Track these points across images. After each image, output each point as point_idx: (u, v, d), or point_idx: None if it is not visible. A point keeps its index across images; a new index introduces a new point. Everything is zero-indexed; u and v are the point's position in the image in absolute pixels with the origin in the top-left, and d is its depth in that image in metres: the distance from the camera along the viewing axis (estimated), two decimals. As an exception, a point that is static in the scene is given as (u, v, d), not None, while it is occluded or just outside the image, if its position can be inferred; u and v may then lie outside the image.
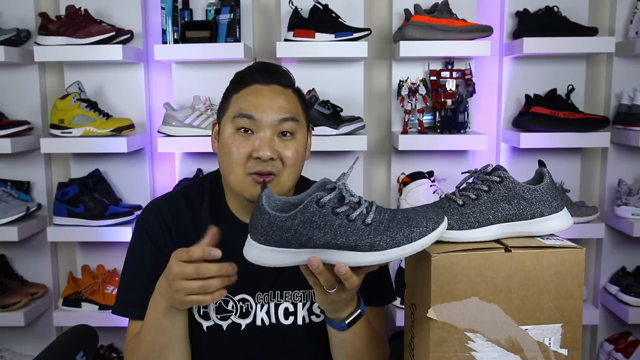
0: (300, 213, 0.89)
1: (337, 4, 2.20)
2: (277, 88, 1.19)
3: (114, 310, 1.24)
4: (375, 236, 0.89)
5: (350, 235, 0.89)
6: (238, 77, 1.23)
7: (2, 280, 2.28)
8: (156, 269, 1.16)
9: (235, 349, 1.22)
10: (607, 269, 2.40)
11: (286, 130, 1.16)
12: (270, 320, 1.22)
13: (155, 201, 1.28)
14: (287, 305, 1.23)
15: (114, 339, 2.40)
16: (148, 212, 1.26)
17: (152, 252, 1.21)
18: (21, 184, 2.32)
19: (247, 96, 1.17)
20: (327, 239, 0.90)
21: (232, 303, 1.20)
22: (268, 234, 0.91)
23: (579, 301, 0.93)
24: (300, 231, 0.90)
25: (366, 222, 0.89)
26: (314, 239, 0.90)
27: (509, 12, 2.28)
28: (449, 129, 2.20)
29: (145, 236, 1.23)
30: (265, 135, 1.14)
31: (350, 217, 0.90)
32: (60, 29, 2.10)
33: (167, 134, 2.15)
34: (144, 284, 1.18)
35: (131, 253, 1.25)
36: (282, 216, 0.90)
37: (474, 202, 0.97)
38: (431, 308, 0.91)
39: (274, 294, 1.22)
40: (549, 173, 1.00)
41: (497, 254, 0.92)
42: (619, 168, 2.35)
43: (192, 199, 1.26)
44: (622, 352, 2.29)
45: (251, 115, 1.14)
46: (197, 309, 1.20)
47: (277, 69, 1.23)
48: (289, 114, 1.16)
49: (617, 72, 2.31)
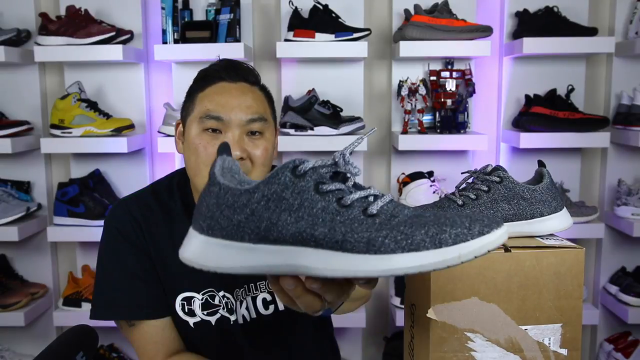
0: (265, 185, 0.60)
1: (337, 4, 2.20)
2: (244, 85, 1.16)
3: (95, 315, 1.17)
4: (378, 230, 0.57)
5: (338, 225, 0.58)
6: (202, 74, 1.19)
7: (2, 280, 2.28)
8: (134, 265, 1.16)
9: (226, 343, 1.21)
10: (607, 269, 2.40)
11: (255, 130, 1.13)
12: (250, 315, 1.20)
13: (122, 200, 1.25)
14: (264, 295, 1.21)
15: (114, 339, 2.40)
16: (116, 211, 1.21)
17: (127, 249, 1.17)
18: (21, 184, 2.32)
19: (213, 95, 1.13)
20: (300, 227, 0.58)
21: (218, 298, 1.19)
22: (214, 217, 0.61)
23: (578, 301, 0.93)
24: (260, 212, 0.59)
25: (369, 211, 0.58)
26: (278, 227, 0.59)
27: (509, 12, 2.28)
28: (449, 129, 2.20)
29: (118, 235, 1.18)
30: (234, 135, 1.11)
31: (343, 201, 0.59)
32: (61, 29, 2.10)
33: (167, 134, 2.15)
34: (125, 282, 1.16)
35: (105, 254, 1.20)
36: (237, 189, 0.61)
37: (474, 202, 0.97)
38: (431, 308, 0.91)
39: (249, 287, 1.20)
40: (548, 173, 1.00)
41: (497, 254, 0.92)
42: (618, 168, 2.35)
43: (160, 195, 1.23)
44: (621, 352, 2.29)
45: (219, 116, 1.11)
46: (182, 307, 1.18)
47: (243, 66, 1.20)
48: (257, 114, 1.13)
49: (617, 72, 2.31)
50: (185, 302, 1.18)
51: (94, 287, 1.21)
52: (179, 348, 1.19)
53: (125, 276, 1.17)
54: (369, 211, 0.58)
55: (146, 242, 1.18)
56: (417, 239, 0.56)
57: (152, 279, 1.17)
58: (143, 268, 1.17)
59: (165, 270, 1.18)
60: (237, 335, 1.20)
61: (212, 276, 1.18)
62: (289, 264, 0.59)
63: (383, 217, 0.58)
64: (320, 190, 0.59)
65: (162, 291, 1.18)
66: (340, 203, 0.59)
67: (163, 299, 1.18)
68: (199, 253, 0.62)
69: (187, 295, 1.18)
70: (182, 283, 1.18)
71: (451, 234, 0.56)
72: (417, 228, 0.56)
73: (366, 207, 0.59)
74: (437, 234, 0.56)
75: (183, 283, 1.18)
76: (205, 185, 0.64)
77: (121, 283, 1.17)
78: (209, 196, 0.62)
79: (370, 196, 0.60)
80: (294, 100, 2.17)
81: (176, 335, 1.19)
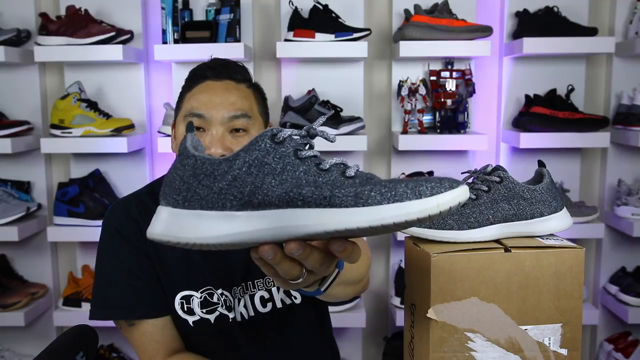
0: (245, 152, 0.62)
1: (337, 4, 2.20)
2: (229, 83, 1.16)
3: (94, 315, 1.17)
4: (362, 186, 0.59)
5: (321, 185, 0.60)
6: (190, 74, 1.21)
7: (2, 280, 2.28)
8: (134, 265, 1.17)
9: (225, 341, 1.21)
10: (607, 269, 2.40)
11: (238, 127, 1.14)
12: (248, 313, 1.20)
13: (120, 200, 1.26)
14: (262, 293, 1.21)
15: (114, 339, 2.41)
16: (115, 211, 1.22)
17: (126, 248, 1.18)
18: (21, 184, 2.32)
19: (198, 94, 1.15)
20: (286, 187, 0.60)
21: (216, 296, 1.19)
22: (190, 188, 0.61)
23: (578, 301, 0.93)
24: (242, 178, 0.60)
25: (347, 174, 0.61)
26: (263, 190, 0.60)
27: (509, 12, 2.28)
28: (449, 129, 2.20)
29: (116, 234, 1.18)
30: (217, 133, 1.12)
31: (322, 165, 0.62)
32: (61, 29, 2.10)
33: (167, 134, 2.15)
34: (124, 282, 1.16)
35: (104, 254, 1.20)
36: (216, 159, 0.62)
37: (474, 202, 0.97)
38: (431, 308, 0.91)
39: (247, 285, 1.20)
40: (548, 173, 1.00)
41: (497, 254, 0.92)
42: (618, 168, 2.35)
43: (157, 194, 1.23)
44: (621, 352, 2.29)
45: (201, 114, 1.12)
46: (181, 306, 1.18)
47: (230, 64, 1.20)
48: (240, 111, 1.13)
49: (617, 72, 2.31)
50: (184, 300, 1.18)
51: (93, 287, 1.21)
52: (178, 347, 1.19)
53: (125, 276, 1.17)
54: (347, 174, 0.61)
55: (144, 242, 1.18)
56: (400, 191, 0.58)
57: (151, 278, 1.17)
58: (142, 267, 1.17)
59: (163, 269, 1.18)
60: (236, 333, 1.20)
61: (210, 274, 1.18)
62: (275, 226, 0.60)
63: (361, 179, 0.61)
64: (299, 156, 0.62)
65: (162, 290, 1.18)
66: (319, 167, 0.61)
67: (162, 298, 1.18)
68: (173, 226, 0.61)
69: (185, 294, 1.18)
70: (180, 282, 1.18)
71: (427, 187, 0.59)
72: (396, 183, 0.59)
73: (343, 170, 0.62)
74: (415, 187, 0.59)
75: (181, 282, 1.18)
76: (176, 160, 0.64)
77: (120, 283, 1.17)
78: (182, 169, 0.62)
79: (343, 163, 0.63)
80: (294, 100, 2.17)
81: (176, 334, 1.19)
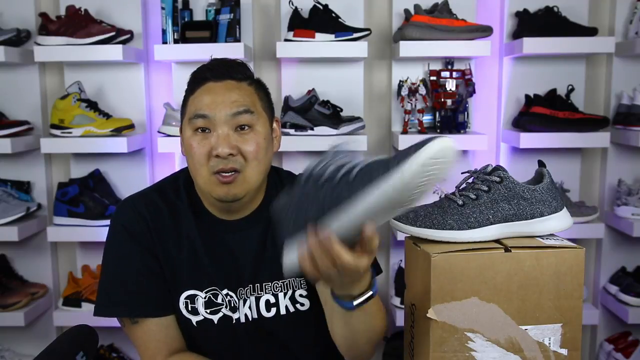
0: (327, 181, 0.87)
1: (337, 4, 2.20)
2: (230, 83, 1.17)
3: (99, 312, 1.18)
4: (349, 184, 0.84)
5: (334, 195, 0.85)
6: (191, 78, 1.21)
7: (2, 280, 2.28)
8: (140, 263, 1.17)
9: (228, 342, 1.21)
10: (607, 269, 2.40)
11: (242, 123, 1.13)
12: (252, 315, 1.20)
13: (129, 197, 1.25)
14: (268, 297, 1.21)
15: (114, 339, 2.40)
16: (124, 208, 1.22)
17: (133, 246, 1.18)
18: (21, 184, 2.32)
19: (200, 96, 1.15)
20: None
21: (221, 296, 1.19)
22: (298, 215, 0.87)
23: (578, 301, 0.93)
24: None
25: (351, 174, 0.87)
26: None
27: (509, 12, 2.28)
28: (449, 129, 2.20)
29: (124, 232, 1.18)
30: (222, 132, 1.12)
31: None
32: (61, 29, 2.10)
33: (167, 134, 2.15)
34: (131, 280, 1.16)
35: (111, 251, 1.20)
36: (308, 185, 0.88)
37: (474, 202, 0.97)
38: (431, 308, 0.91)
39: (254, 287, 1.21)
40: (548, 173, 1.00)
41: (497, 254, 0.92)
42: (618, 168, 2.35)
43: (166, 193, 1.23)
44: (621, 352, 2.29)
45: (205, 114, 1.13)
46: (185, 305, 1.18)
47: (230, 64, 1.20)
48: (242, 107, 1.13)
49: (617, 72, 2.31)
50: (188, 300, 1.18)
51: (98, 283, 1.21)
52: (180, 347, 1.19)
53: (131, 273, 1.17)
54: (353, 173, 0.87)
55: (153, 240, 1.18)
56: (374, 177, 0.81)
57: (158, 277, 1.18)
58: (149, 266, 1.17)
59: (170, 269, 1.18)
60: (239, 334, 1.20)
61: (216, 275, 1.19)
62: None
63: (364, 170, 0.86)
64: None
65: (167, 289, 1.18)
66: None
67: (167, 298, 1.18)
68: None
69: (190, 294, 1.18)
70: (186, 281, 1.18)
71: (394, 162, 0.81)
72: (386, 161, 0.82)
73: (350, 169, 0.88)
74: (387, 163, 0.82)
75: (187, 281, 1.18)
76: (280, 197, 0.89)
77: (126, 280, 1.17)
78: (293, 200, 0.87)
79: None
80: (294, 100, 2.17)
81: (179, 334, 1.19)
